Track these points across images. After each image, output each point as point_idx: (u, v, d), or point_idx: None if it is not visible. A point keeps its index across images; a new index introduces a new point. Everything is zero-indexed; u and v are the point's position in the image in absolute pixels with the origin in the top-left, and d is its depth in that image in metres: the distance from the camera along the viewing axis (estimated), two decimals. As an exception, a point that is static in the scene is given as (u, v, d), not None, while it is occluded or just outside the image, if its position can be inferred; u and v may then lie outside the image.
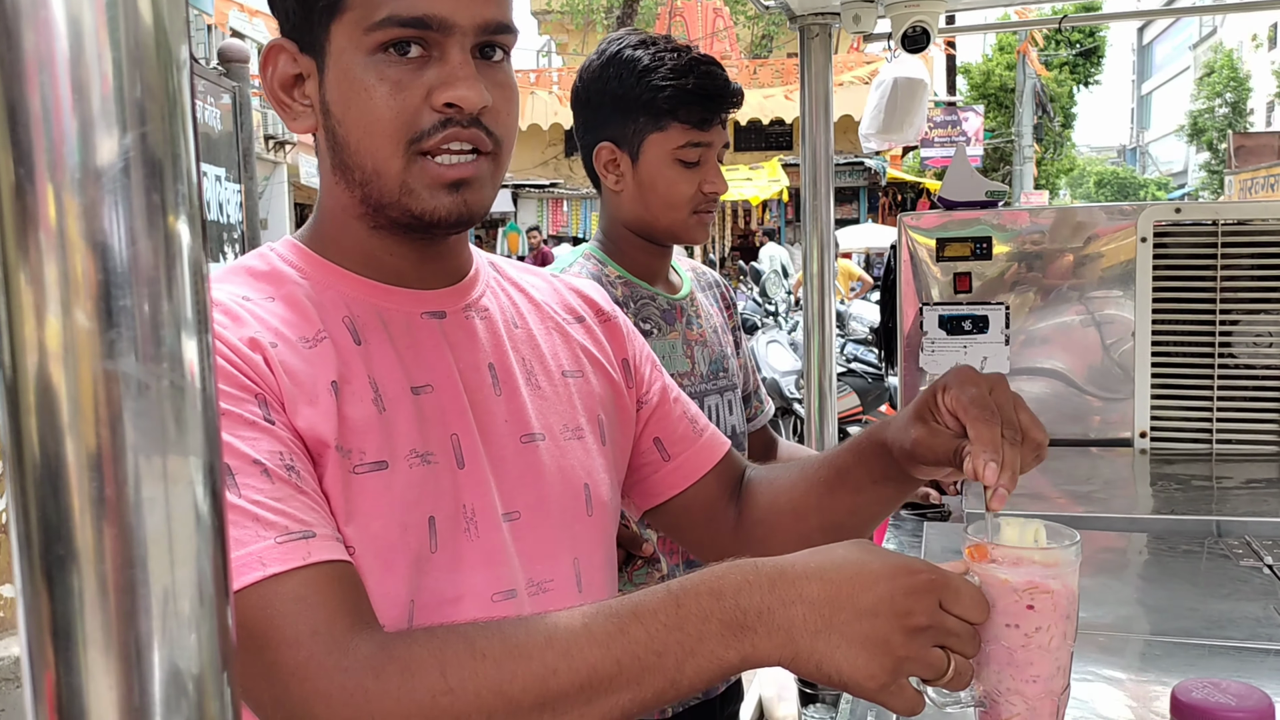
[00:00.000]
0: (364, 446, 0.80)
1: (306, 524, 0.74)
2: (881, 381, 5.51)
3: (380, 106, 0.82)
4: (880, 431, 0.94)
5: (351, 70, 0.82)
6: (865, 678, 0.70)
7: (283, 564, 0.71)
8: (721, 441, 1.09)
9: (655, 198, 1.48)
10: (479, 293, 0.94)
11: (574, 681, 0.70)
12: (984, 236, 1.97)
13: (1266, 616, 1.06)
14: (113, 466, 0.34)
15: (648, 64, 1.45)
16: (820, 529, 0.98)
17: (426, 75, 0.82)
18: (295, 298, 0.85)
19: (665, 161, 1.47)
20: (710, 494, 1.06)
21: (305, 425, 0.78)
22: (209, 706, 0.36)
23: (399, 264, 0.89)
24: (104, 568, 0.34)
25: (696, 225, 1.50)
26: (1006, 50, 23.20)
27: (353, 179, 0.85)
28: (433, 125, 0.82)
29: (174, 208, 0.35)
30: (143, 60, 0.34)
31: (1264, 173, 16.27)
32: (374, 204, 0.85)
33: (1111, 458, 1.86)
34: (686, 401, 1.09)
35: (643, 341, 1.09)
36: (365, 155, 0.83)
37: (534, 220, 16.95)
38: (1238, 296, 1.84)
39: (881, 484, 0.96)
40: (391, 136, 0.82)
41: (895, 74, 2.85)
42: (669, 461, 1.05)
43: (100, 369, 0.34)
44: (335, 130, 0.84)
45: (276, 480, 0.74)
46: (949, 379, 0.85)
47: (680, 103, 1.44)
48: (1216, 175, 27.17)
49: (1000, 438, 0.80)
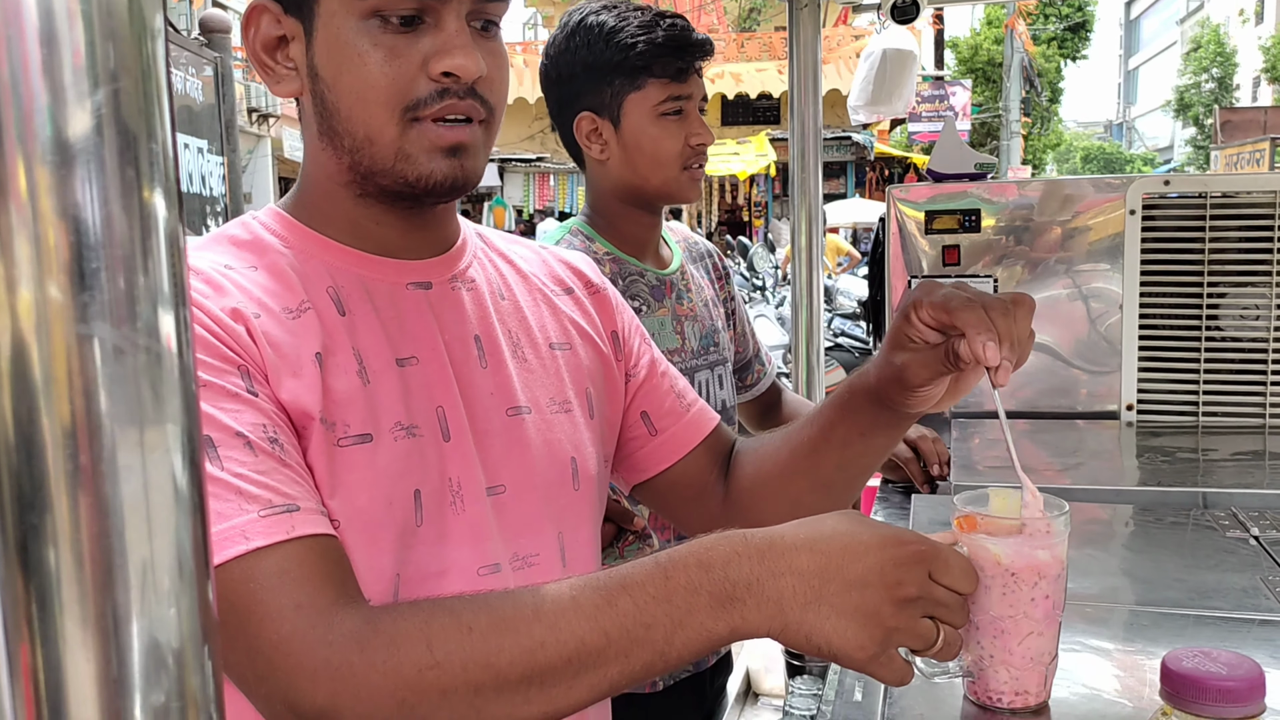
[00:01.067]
0: (348, 419, 0.79)
1: (290, 497, 0.73)
2: (869, 356, 5.52)
3: (375, 73, 0.80)
4: (862, 380, 0.93)
5: (343, 35, 0.80)
6: (855, 648, 0.69)
7: (266, 538, 0.70)
8: (710, 416, 1.08)
9: (643, 158, 1.46)
10: (466, 263, 0.93)
11: (561, 654, 0.69)
12: (973, 209, 1.96)
13: (1252, 587, 1.06)
14: (87, 436, 0.33)
15: (614, 25, 1.44)
16: (810, 489, 0.98)
17: (422, 43, 0.80)
18: (279, 267, 0.83)
19: (648, 119, 1.45)
20: (698, 468, 1.05)
21: (289, 397, 0.77)
22: (190, 680, 0.36)
23: (385, 233, 0.87)
24: (80, 538, 0.33)
25: (688, 181, 1.49)
26: (994, 25, 23.13)
27: (341, 145, 0.83)
28: (430, 94, 0.81)
29: (149, 180, 0.34)
30: (115, 29, 0.33)
31: (1249, 148, 16.32)
32: (364, 171, 0.84)
33: (1098, 430, 1.86)
34: (674, 375, 1.08)
35: (632, 314, 1.08)
36: (357, 122, 0.82)
37: (520, 194, 16.87)
38: (1225, 269, 1.84)
39: (870, 435, 0.95)
40: (386, 104, 0.81)
41: (884, 46, 2.84)
42: (656, 436, 1.04)
43: (74, 339, 0.33)
44: (324, 96, 0.83)
45: (260, 453, 0.73)
46: (916, 296, 0.85)
47: (653, 57, 1.42)
48: (1203, 150, 27.23)
49: (987, 316, 0.79)
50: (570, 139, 1.53)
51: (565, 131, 1.53)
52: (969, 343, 0.79)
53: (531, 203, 16.92)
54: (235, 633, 0.69)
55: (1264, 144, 15.90)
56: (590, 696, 0.71)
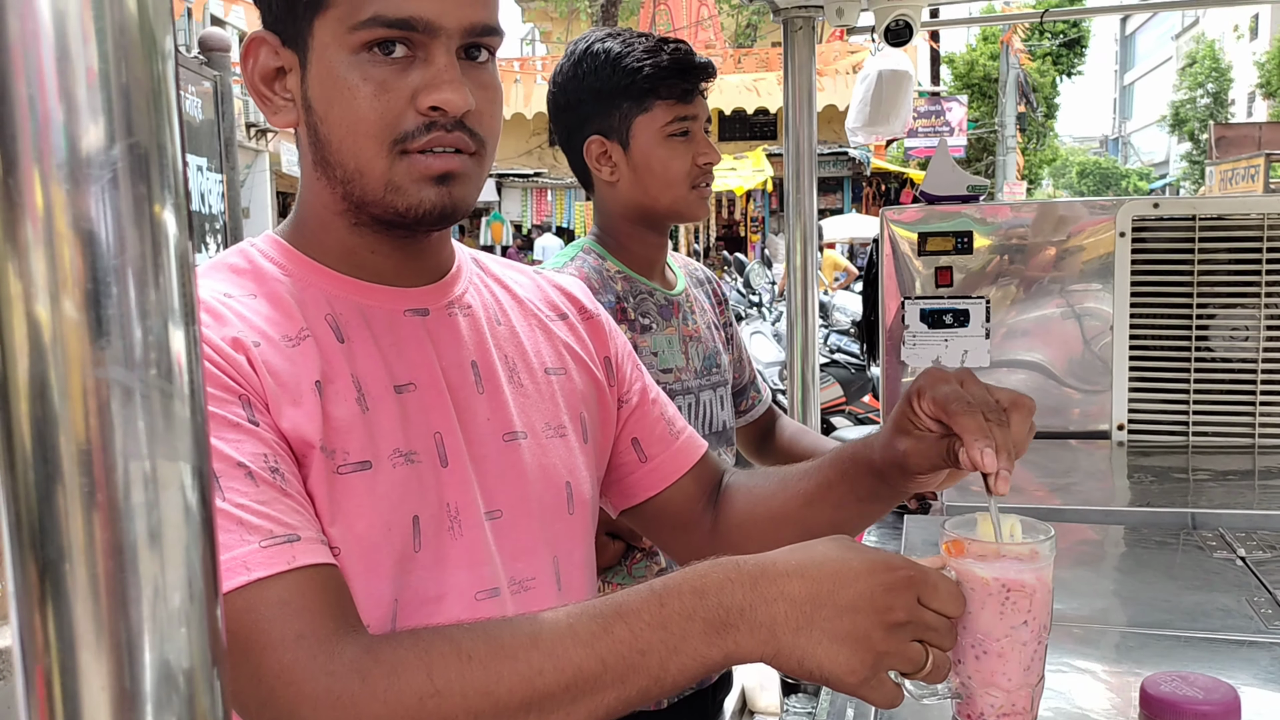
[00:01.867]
0: (348, 447, 0.80)
1: (291, 527, 0.74)
2: (864, 372, 5.53)
3: (364, 106, 0.81)
4: (866, 451, 0.94)
5: (335, 68, 0.82)
6: (846, 672, 0.71)
7: (267, 568, 0.71)
8: (699, 444, 1.09)
9: (653, 179, 1.50)
10: (462, 289, 0.94)
11: (559, 681, 0.70)
12: (965, 231, 1.98)
13: (1239, 608, 1.08)
14: (103, 461, 0.34)
15: (619, 51, 1.48)
16: (798, 538, 0.98)
17: (411, 77, 0.81)
18: (278, 295, 0.84)
19: (656, 141, 1.49)
20: (687, 496, 1.06)
21: (289, 426, 0.78)
22: (200, 702, 0.37)
23: (381, 261, 0.89)
24: (95, 560, 0.34)
25: (697, 200, 1.53)
26: (990, 40, 23.25)
27: (334, 176, 0.85)
28: (417, 127, 0.82)
29: (160, 198, 0.35)
30: (128, 49, 0.34)
31: (1244, 163, 16.36)
32: (356, 201, 0.85)
33: (1090, 450, 1.88)
34: (665, 402, 1.10)
35: (624, 340, 1.10)
36: (348, 154, 0.83)
37: (518, 209, 16.90)
38: (1214, 290, 1.86)
39: (867, 502, 0.96)
40: (375, 137, 0.82)
41: (880, 67, 2.86)
42: (646, 462, 1.06)
43: (89, 361, 0.34)
44: (317, 127, 0.84)
45: (261, 483, 0.74)
46: (919, 385, 0.86)
47: (659, 80, 1.46)
48: (1198, 165, 27.31)
49: (986, 423, 0.80)
50: (579, 163, 1.56)
51: (574, 156, 1.57)
52: (967, 450, 0.80)
53: (529, 218, 16.95)
54: (238, 662, 0.70)
55: (1259, 159, 15.95)
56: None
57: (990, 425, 0.80)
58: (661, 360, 1.51)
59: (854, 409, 5.52)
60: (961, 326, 1.98)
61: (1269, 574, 1.17)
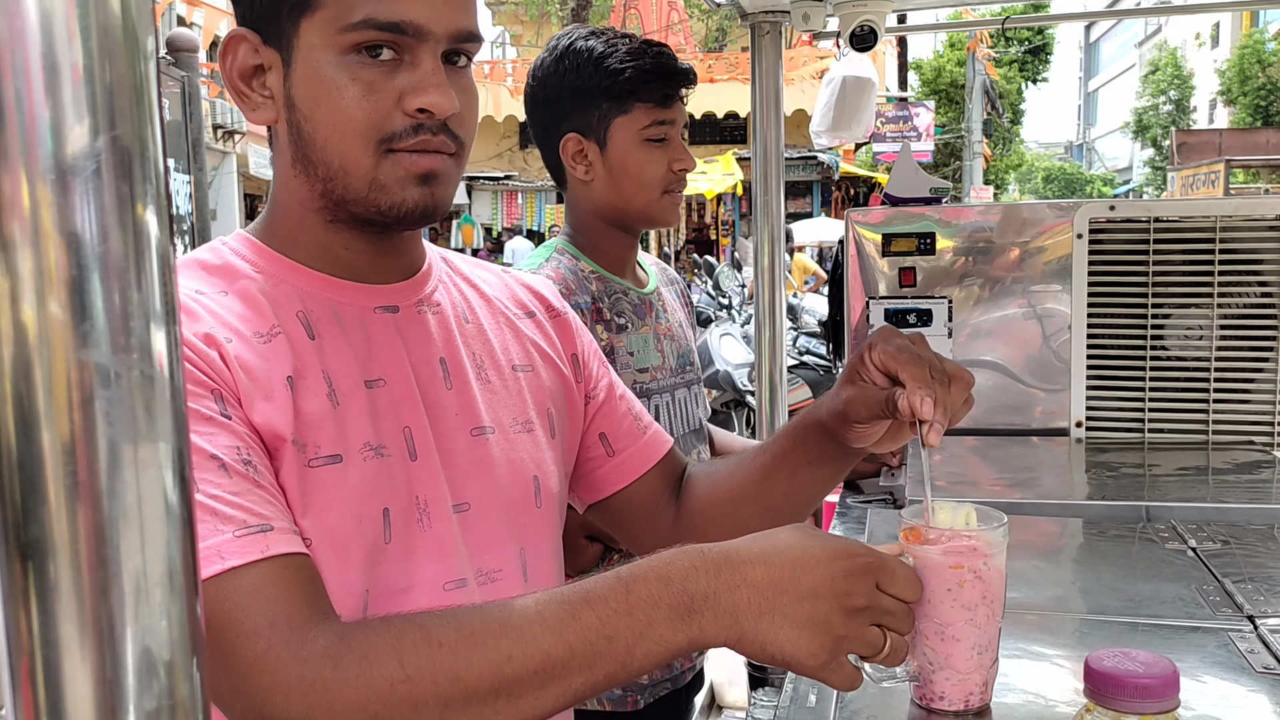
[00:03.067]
0: (319, 440, 0.82)
1: (264, 517, 0.75)
2: (832, 373, 5.58)
3: (352, 106, 0.83)
4: (814, 412, 0.98)
5: (322, 68, 0.83)
6: (806, 656, 0.73)
7: (241, 557, 0.72)
8: (664, 439, 1.11)
9: (627, 181, 1.51)
10: (431, 287, 0.96)
11: (528, 667, 0.72)
12: (928, 232, 2.02)
13: (1189, 596, 1.11)
14: (85, 452, 0.35)
15: (603, 51, 1.48)
16: (758, 515, 1.02)
17: (398, 79, 0.83)
18: (249, 292, 0.85)
19: (634, 143, 1.49)
20: (652, 490, 1.09)
21: (262, 420, 0.79)
22: (180, 687, 0.37)
23: (354, 258, 0.90)
24: (78, 549, 0.35)
25: (669, 205, 1.53)
26: (957, 47, 23.49)
27: (315, 174, 0.86)
28: (405, 129, 0.84)
29: (143, 198, 0.35)
30: (112, 50, 0.34)
31: (1205, 169, 16.63)
32: (336, 199, 0.87)
33: (1049, 446, 1.92)
34: (631, 399, 1.12)
35: (591, 339, 1.12)
36: (333, 152, 0.85)
37: (488, 212, 16.87)
38: (1169, 291, 1.91)
39: (817, 464, 0.99)
40: (362, 136, 0.83)
41: (844, 73, 2.91)
42: (613, 457, 1.08)
43: (74, 358, 0.34)
44: (301, 125, 0.85)
45: (234, 474, 0.75)
46: (874, 338, 0.90)
47: (641, 83, 1.47)
48: (1160, 171, 27.72)
49: (930, 377, 0.85)
50: (554, 159, 1.56)
51: (549, 152, 1.56)
52: (908, 395, 0.84)
53: (500, 221, 16.92)
54: (211, 650, 0.71)
55: (1219, 165, 16.23)
56: (555, 707, 0.74)
57: (933, 381, 0.84)
58: (638, 359, 1.53)
59: (822, 410, 5.56)
60: (925, 326, 2.02)
61: (1219, 565, 1.21)
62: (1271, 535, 1.34)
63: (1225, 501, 1.49)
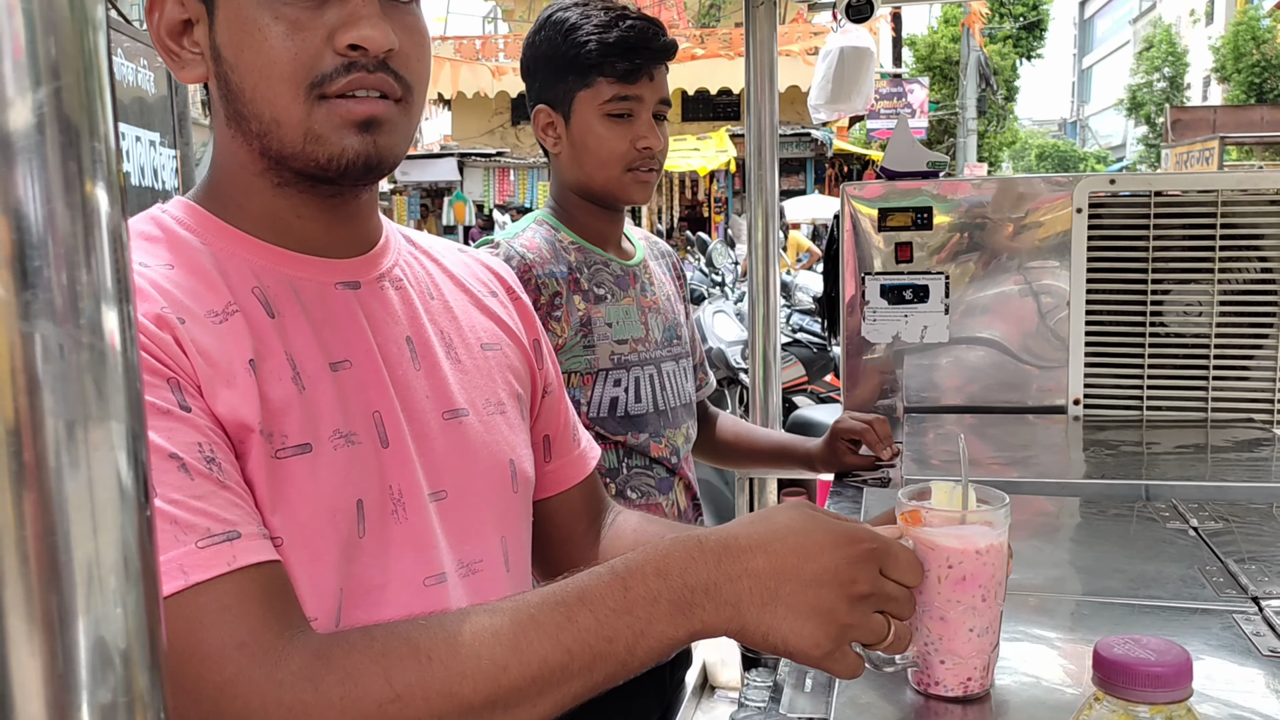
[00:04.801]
0: (286, 429, 0.75)
1: (230, 523, 0.69)
2: (826, 351, 5.56)
3: (276, 49, 0.76)
4: None
5: (244, 11, 0.76)
6: (811, 646, 0.70)
7: (206, 571, 0.66)
8: (593, 456, 1.08)
9: (588, 156, 1.49)
10: (391, 262, 0.90)
11: (525, 675, 0.68)
12: (925, 207, 1.99)
13: (1190, 576, 1.09)
14: (31, 434, 0.33)
15: (574, 22, 1.46)
16: None
17: (327, 15, 0.77)
18: (198, 265, 0.78)
19: (595, 118, 1.47)
20: (571, 510, 1.04)
21: (225, 410, 0.73)
22: (137, 679, 0.36)
23: (307, 227, 0.84)
24: (24, 535, 0.33)
25: (633, 184, 1.49)
26: (952, 23, 23.36)
27: (249, 130, 0.80)
28: (335, 68, 0.77)
29: (91, 173, 0.34)
30: (56, 22, 0.32)
31: (1199, 147, 16.62)
32: (274, 156, 0.80)
33: (1046, 424, 1.90)
34: (571, 408, 1.09)
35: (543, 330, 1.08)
36: (262, 103, 0.78)
37: (480, 189, 16.79)
38: (1169, 267, 1.88)
39: None
40: (290, 80, 0.77)
41: (842, 44, 2.86)
42: (550, 463, 1.03)
43: (18, 335, 0.33)
44: (228, 77, 0.79)
45: (196, 475, 0.69)
46: None
47: (602, 56, 1.44)
48: (1154, 149, 27.69)
49: None
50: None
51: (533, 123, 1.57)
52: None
53: (491, 198, 16.84)
54: (177, 675, 0.64)
55: (1213, 143, 16.21)
56: (554, 712, 0.71)
57: None
58: (617, 331, 1.50)
59: (816, 388, 5.55)
60: (921, 302, 1.99)
61: (1221, 544, 1.19)
62: (1272, 514, 1.32)
63: (1225, 480, 1.47)
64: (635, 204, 1.54)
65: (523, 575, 0.94)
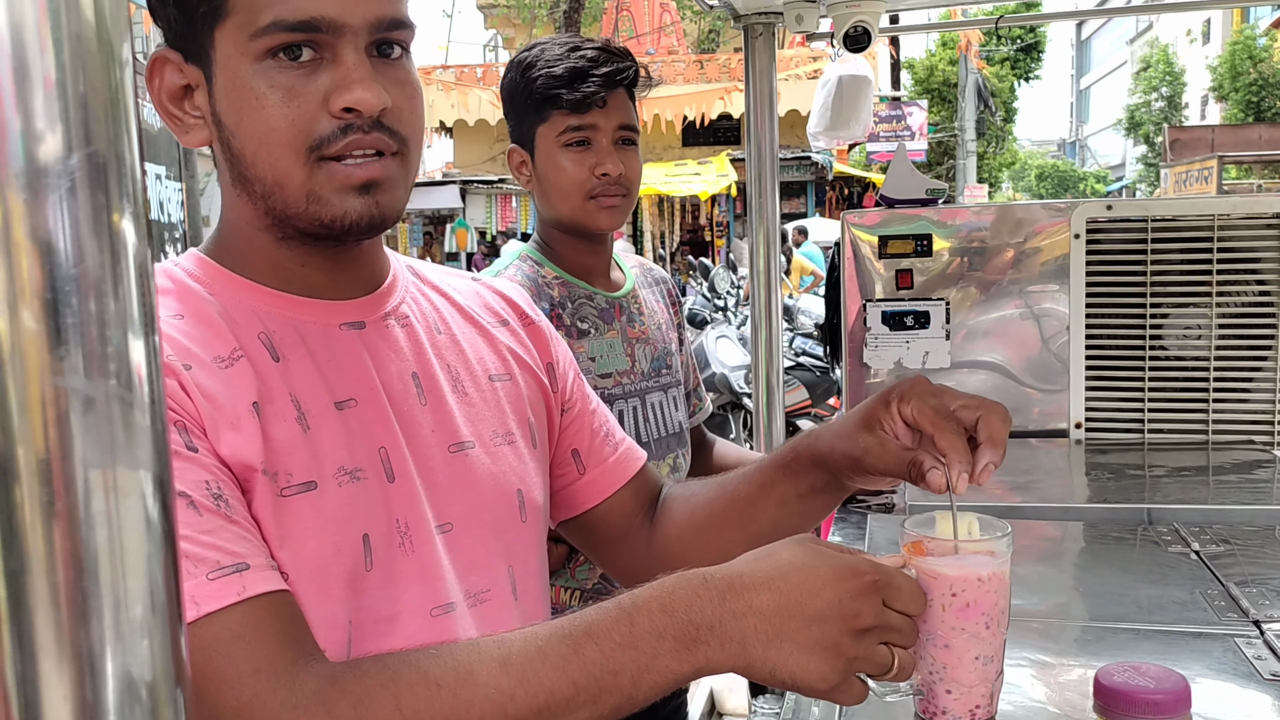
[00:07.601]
0: (290, 468, 0.78)
1: (238, 555, 0.71)
2: (830, 375, 5.57)
3: (274, 115, 0.78)
4: (811, 443, 0.93)
5: (240, 78, 0.78)
6: (817, 680, 0.71)
7: (217, 601, 0.69)
8: (637, 456, 1.08)
9: (551, 188, 1.51)
10: (398, 299, 0.92)
11: (531, 706, 0.69)
12: (924, 234, 2.01)
13: (1193, 601, 1.10)
14: (61, 472, 0.34)
15: (529, 60, 1.49)
16: (741, 542, 0.94)
17: (320, 79, 0.78)
18: (206, 314, 0.81)
19: (554, 150, 1.49)
20: (624, 509, 1.05)
21: (229, 451, 0.75)
22: (163, 713, 0.36)
23: (312, 274, 0.86)
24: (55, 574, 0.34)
25: (597, 210, 1.49)
26: (949, 46, 23.52)
27: (254, 191, 0.82)
28: (332, 132, 0.79)
29: (119, 207, 0.34)
30: (85, 57, 0.33)
31: (1198, 166, 16.66)
32: (279, 215, 0.82)
33: (1049, 448, 1.91)
34: (605, 414, 1.09)
35: (566, 348, 1.08)
36: (264, 167, 0.80)
37: (483, 215, 16.86)
38: (1167, 290, 1.90)
39: (808, 498, 0.95)
40: (289, 145, 0.79)
41: (840, 72, 2.89)
42: (584, 474, 1.04)
43: (48, 372, 0.33)
44: (230, 142, 0.81)
45: (204, 511, 0.71)
46: (904, 389, 0.86)
47: (550, 89, 1.46)
48: (1153, 168, 27.78)
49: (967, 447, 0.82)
50: None
51: None
52: (949, 467, 0.81)
53: (494, 224, 16.90)
54: (194, 701, 0.66)
55: (1211, 161, 16.25)
56: None
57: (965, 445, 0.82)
58: (600, 365, 1.51)
59: (819, 412, 5.56)
60: (922, 328, 2.01)
61: (1222, 567, 1.20)
62: (1274, 537, 1.33)
63: (1227, 503, 1.48)
64: (604, 230, 1.52)
65: (534, 603, 0.95)
